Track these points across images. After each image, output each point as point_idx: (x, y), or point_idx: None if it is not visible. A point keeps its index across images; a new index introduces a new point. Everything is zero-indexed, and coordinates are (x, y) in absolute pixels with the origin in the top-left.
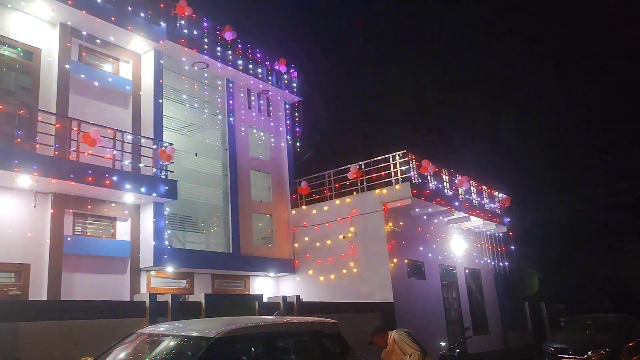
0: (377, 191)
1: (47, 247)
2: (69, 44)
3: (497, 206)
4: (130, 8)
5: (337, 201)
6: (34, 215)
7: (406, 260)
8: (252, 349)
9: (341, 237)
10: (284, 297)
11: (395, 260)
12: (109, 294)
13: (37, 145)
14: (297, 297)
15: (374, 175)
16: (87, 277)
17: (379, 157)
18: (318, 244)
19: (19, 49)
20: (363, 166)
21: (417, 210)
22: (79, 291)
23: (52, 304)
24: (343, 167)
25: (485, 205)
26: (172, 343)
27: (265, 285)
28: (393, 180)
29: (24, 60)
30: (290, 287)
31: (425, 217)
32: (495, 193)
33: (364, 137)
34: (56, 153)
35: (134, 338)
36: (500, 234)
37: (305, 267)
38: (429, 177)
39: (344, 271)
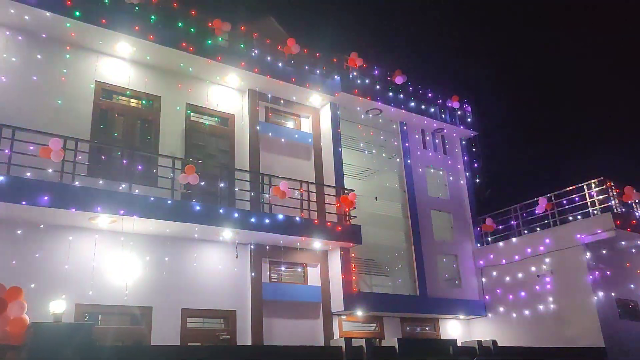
0: (573, 224)
1: (248, 294)
2: (257, 107)
3: None
4: (307, 67)
5: (527, 236)
6: (236, 265)
7: (615, 300)
8: None
9: (535, 275)
10: (479, 342)
11: (601, 299)
12: (304, 339)
13: (236, 201)
14: (494, 341)
15: (566, 206)
16: (284, 322)
17: (571, 187)
18: (509, 284)
19: (217, 117)
20: (553, 198)
21: (623, 242)
22: (278, 336)
23: (258, 349)
24: (530, 200)
25: None
26: None
27: (456, 328)
28: (590, 211)
29: (221, 126)
30: (483, 330)
31: (634, 250)
32: None
33: (551, 167)
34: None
35: None
36: None
37: (497, 309)
38: (634, 205)
39: (542, 312)
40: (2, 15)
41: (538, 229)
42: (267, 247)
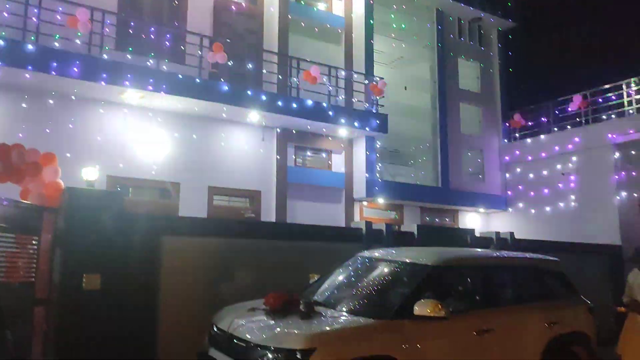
0: (605, 123)
1: (274, 177)
2: None
3: None
4: None
5: (556, 134)
6: (262, 147)
7: (638, 200)
8: (469, 280)
9: (560, 173)
10: (497, 233)
11: (623, 200)
12: (326, 221)
13: (263, 83)
14: (511, 233)
15: (602, 105)
16: (307, 204)
17: (608, 85)
18: (533, 180)
19: None
20: (589, 95)
21: None
22: (300, 217)
23: (284, 226)
24: (564, 98)
25: None
26: (390, 268)
27: (475, 220)
28: (627, 111)
29: (250, 4)
30: (502, 223)
31: None
32: None
33: (590, 63)
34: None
35: (355, 260)
36: None
37: (517, 204)
38: None
39: (562, 210)
40: None
41: (569, 127)
42: (294, 132)
